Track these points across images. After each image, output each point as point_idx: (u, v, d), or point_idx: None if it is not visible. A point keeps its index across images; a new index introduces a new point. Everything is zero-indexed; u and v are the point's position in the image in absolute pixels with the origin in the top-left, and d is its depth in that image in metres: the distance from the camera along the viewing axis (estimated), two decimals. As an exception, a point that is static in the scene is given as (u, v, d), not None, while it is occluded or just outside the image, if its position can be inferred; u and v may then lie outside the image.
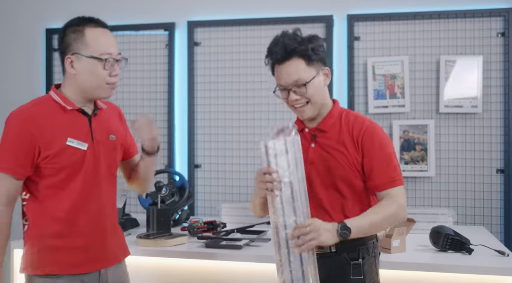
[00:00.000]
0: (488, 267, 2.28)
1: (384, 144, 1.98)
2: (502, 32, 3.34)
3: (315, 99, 1.98)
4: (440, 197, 3.39)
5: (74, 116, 1.92)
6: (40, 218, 1.89)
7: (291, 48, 1.93)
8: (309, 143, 2.03)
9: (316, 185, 2.00)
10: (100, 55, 1.87)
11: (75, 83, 1.91)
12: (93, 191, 1.93)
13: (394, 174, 1.96)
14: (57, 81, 3.86)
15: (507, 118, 3.30)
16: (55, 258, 1.88)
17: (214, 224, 2.84)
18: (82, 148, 1.90)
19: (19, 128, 1.85)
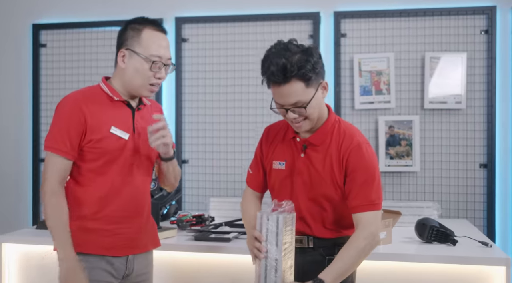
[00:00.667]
0: (472, 257, 2.34)
1: (369, 166, 1.96)
2: (486, 29, 3.40)
3: (313, 116, 1.95)
4: (425, 192, 3.44)
5: (120, 107, 2.03)
6: (78, 200, 1.98)
7: (291, 73, 1.84)
8: (299, 153, 2.03)
9: (298, 195, 2.02)
10: (150, 56, 1.95)
11: (123, 76, 2.01)
12: (129, 179, 2.02)
13: (373, 198, 1.94)
14: (44, 77, 3.87)
15: (490, 114, 3.37)
16: (87, 238, 1.96)
17: (203, 218, 2.87)
18: (123, 137, 1.99)
19: (72, 109, 1.94)
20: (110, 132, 1.97)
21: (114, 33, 3.74)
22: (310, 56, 1.88)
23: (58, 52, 3.87)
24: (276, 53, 1.88)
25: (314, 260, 2.00)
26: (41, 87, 3.88)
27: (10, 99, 3.94)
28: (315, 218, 2.01)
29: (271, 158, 2.10)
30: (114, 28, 3.74)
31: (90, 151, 1.96)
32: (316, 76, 1.91)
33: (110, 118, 1.99)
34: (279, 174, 2.06)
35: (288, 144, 2.07)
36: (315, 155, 2.01)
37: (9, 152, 3.92)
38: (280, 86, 1.88)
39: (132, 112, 2.05)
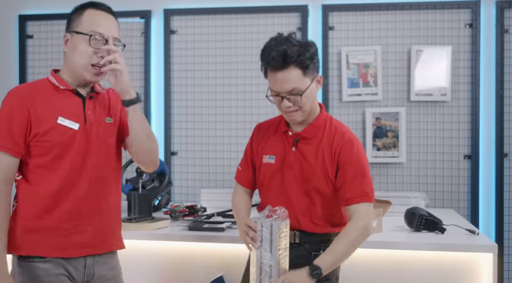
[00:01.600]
0: (460, 244, 2.40)
1: (360, 159, 2.03)
2: (470, 23, 3.47)
3: (306, 107, 2.00)
4: (411, 182, 3.51)
5: (67, 96, 1.92)
6: (28, 198, 1.88)
7: (290, 58, 1.92)
8: (290, 146, 2.08)
9: (288, 189, 2.06)
10: (89, 31, 1.87)
11: (68, 63, 1.92)
12: (83, 172, 1.90)
13: (366, 189, 2.00)
14: (30, 69, 3.85)
15: (474, 106, 3.45)
16: (39, 239, 1.86)
17: (195, 208, 2.89)
18: (73, 128, 1.88)
19: (14, 104, 1.85)
20: (57, 123, 1.86)
21: (102, 24, 3.74)
22: (309, 47, 1.97)
23: (45, 44, 3.84)
24: (277, 42, 1.97)
25: (300, 255, 2.04)
26: (28, 78, 3.85)
27: (-4, 90, 3.91)
28: (304, 212, 2.06)
29: (261, 152, 2.14)
30: (102, 19, 3.73)
31: (37, 145, 1.85)
32: (313, 67, 1.99)
33: (57, 109, 1.88)
34: (269, 168, 2.10)
35: (280, 138, 2.11)
36: (307, 148, 2.05)
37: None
38: (278, 71, 1.95)
39: (83, 101, 1.93)
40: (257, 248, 1.92)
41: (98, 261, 1.95)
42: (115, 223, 2.04)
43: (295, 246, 2.04)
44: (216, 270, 2.55)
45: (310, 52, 1.96)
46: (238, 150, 3.65)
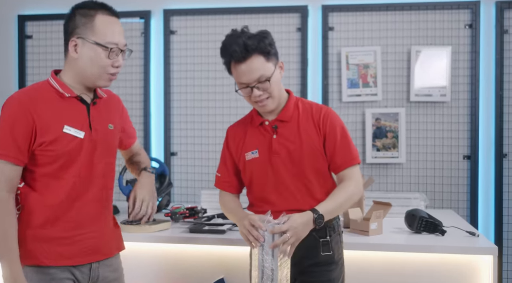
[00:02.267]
0: (460, 247, 2.41)
1: (343, 127, 2.13)
2: (470, 24, 3.48)
3: (275, 93, 2.06)
4: (410, 182, 3.52)
5: (72, 104, 1.87)
6: (32, 207, 1.84)
7: (251, 47, 1.98)
8: (270, 135, 2.12)
9: (281, 173, 2.09)
10: (106, 43, 1.82)
11: (76, 68, 1.86)
12: (89, 181, 1.89)
13: (353, 153, 2.12)
14: (30, 69, 3.84)
15: (474, 106, 3.46)
16: (44, 248, 1.84)
17: (196, 210, 2.89)
18: (79, 136, 1.85)
19: (17, 111, 1.79)
20: (63, 132, 1.82)
21: (101, 25, 3.73)
22: (266, 34, 2.04)
23: (45, 44, 3.84)
24: (234, 36, 2.04)
25: (309, 245, 2.07)
26: (27, 79, 3.85)
27: (-6, 90, 3.91)
28: (303, 192, 2.09)
29: (241, 151, 2.16)
30: (102, 20, 3.72)
31: (43, 154, 1.81)
32: (274, 53, 2.06)
33: (62, 117, 1.83)
34: (255, 163, 2.13)
35: (257, 131, 2.15)
36: (287, 131, 2.11)
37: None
38: (242, 63, 2.01)
39: (87, 108, 1.90)
40: (259, 247, 1.93)
41: (102, 264, 1.96)
42: (116, 225, 2.06)
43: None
44: (217, 272, 2.56)
45: (269, 39, 2.03)
46: (238, 150, 3.64)
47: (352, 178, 2.08)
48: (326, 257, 2.10)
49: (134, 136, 2.22)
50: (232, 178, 2.22)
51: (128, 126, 2.16)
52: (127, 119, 2.15)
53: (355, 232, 2.60)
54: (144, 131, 3.73)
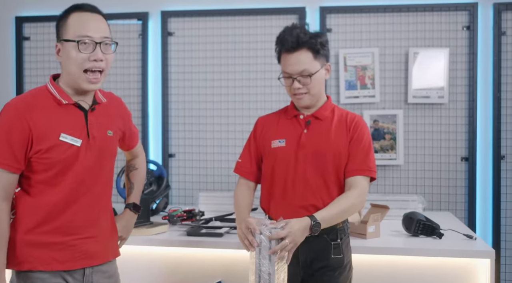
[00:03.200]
0: (458, 250, 2.41)
1: (369, 139, 2.18)
2: (467, 25, 3.47)
3: (314, 90, 2.13)
4: (408, 184, 3.52)
5: (70, 111, 1.86)
6: (27, 212, 1.84)
7: (303, 40, 2.08)
8: (302, 129, 2.18)
9: (304, 167, 2.14)
10: (76, 37, 1.79)
11: (64, 72, 1.86)
12: (85, 187, 1.88)
13: (370, 164, 2.13)
14: (27, 71, 3.83)
15: (471, 108, 3.45)
16: (38, 253, 1.83)
17: (193, 212, 2.89)
18: (75, 144, 1.84)
19: (14, 119, 1.78)
20: (59, 140, 1.81)
21: (99, 26, 3.73)
22: (321, 35, 2.13)
23: (42, 45, 3.83)
24: (291, 28, 2.12)
25: (320, 248, 2.12)
26: (24, 81, 3.84)
27: (-8, 92, 3.90)
28: (321, 189, 2.13)
29: (269, 139, 2.22)
30: (99, 21, 3.72)
31: (39, 161, 1.80)
32: (323, 54, 2.14)
33: (59, 124, 1.82)
34: (279, 151, 2.18)
35: (289, 122, 2.22)
36: (318, 129, 2.16)
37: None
38: (291, 53, 2.10)
39: (85, 115, 1.88)
40: (256, 251, 1.93)
41: (96, 270, 1.94)
42: (113, 232, 2.05)
43: (313, 238, 2.08)
44: (215, 275, 2.56)
45: (322, 39, 2.12)
46: (236, 152, 3.65)
47: (358, 188, 2.09)
48: (337, 260, 2.13)
49: (137, 137, 2.22)
50: (252, 165, 2.28)
51: (131, 128, 2.16)
52: (130, 121, 2.14)
53: (352, 235, 2.60)
54: (142, 133, 3.72)
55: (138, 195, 2.24)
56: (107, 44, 1.84)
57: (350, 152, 2.14)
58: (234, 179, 3.63)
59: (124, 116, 2.09)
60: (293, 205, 2.13)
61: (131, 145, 2.19)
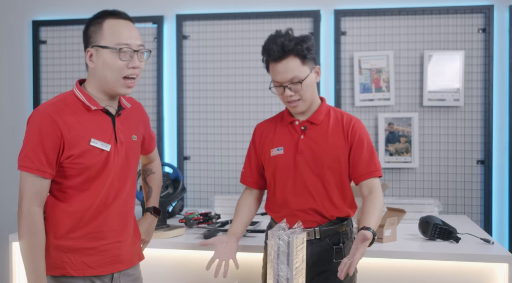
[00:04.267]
0: (475, 254, 2.41)
1: (369, 139, 2.18)
2: (483, 28, 3.46)
3: (306, 96, 2.13)
4: (424, 187, 3.51)
5: (98, 116, 1.88)
6: (58, 217, 1.85)
7: (288, 48, 2.06)
8: (298, 135, 2.18)
9: (303, 172, 2.15)
10: (115, 45, 1.82)
11: (96, 78, 1.87)
12: (115, 193, 1.90)
13: (377, 165, 2.16)
14: (44, 74, 3.87)
15: (487, 111, 3.44)
16: (69, 259, 1.85)
17: (210, 215, 2.91)
18: (105, 149, 1.86)
19: (45, 124, 1.78)
20: (90, 145, 1.82)
21: (115, 30, 3.76)
22: (306, 39, 2.10)
23: (59, 49, 3.86)
24: (275, 36, 2.11)
25: (322, 251, 2.14)
26: (41, 84, 3.88)
27: (10, 96, 3.93)
28: (321, 194, 2.14)
29: (268, 147, 2.23)
30: (115, 25, 3.74)
31: (72, 167, 1.81)
32: (311, 58, 2.12)
33: (89, 130, 1.84)
34: (279, 159, 2.18)
35: (286, 129, 2.21)
36: (315, 133, 2.16)
37: (11, 151, 3.91)
38: (278, 62, 2.09)
39: (112, 120, 1.91)
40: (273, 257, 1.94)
41: (123, 274, 1.97)
42: (137, 235, 2.07)
43: (315, 242, 2.14)
44: (231, 278, 2.57)
45: (307, 43, 2.09)
46: (250, 155, 3.65)
47: (378, 190, 2.12)
48: (338, 265, 2.10)
49: (154, 141, 2.24)
50: (253, 174, 2.30)
51: (150, 133, 2.18)
52: (149, 125, 2.17)
53: (369, 239, 2.60)
54: (158, 136, 3.75)
55: (157, 198, 2.26)
56: (141, 52, 1.89)
57: (356, 157, 2.14)
58: (249, 182, 3.64)
59: (144, 120, 2.12)
60: (294, 209, 2.16)
61: (150, 150, 2.21)
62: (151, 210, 2.22)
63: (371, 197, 2.09)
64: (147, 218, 2.21)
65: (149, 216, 2.21)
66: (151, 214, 2.21)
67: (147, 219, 2.20)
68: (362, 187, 2.15)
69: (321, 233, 2.15)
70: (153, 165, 2.29)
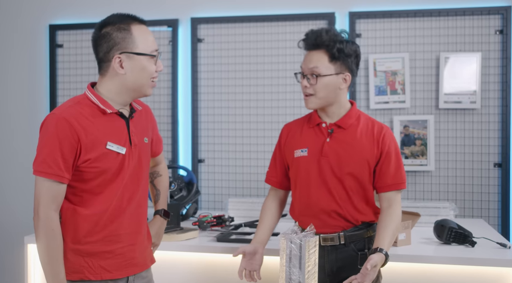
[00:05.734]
0: (491, 259, 2.37)
1: (398, 149, 2.17)
2: (500, 29, 3.42)
3: (320, 94, 2.11)
4: (440, 191, 3.48)
5: (113, 119, 1.88)
6: (73, 222, 1.84)
7: (321, 41, 2.08)
8: (324, 137, 2.16)
9: (325, 176, 2.13)
10: (151, 52, 1.86)
11: (123, 83, 1.86)
12: (130, 195, 1.91)
13: (403, 178, 2.15)
14: (60, 78, 3.91)
15: (505, 113, 3.39)
16: (86, 263, 1.85)
17: (223, 218, 2.91)
18: (121, 152, 1.86)
19: (63, 128, 1.76)
20: (106, 149, 1.82)
21: (130, 33, 3.78)
22: (348, 45, 2.09)
23: (75, 53, 3.90)
24: (321, 29, 2.12)
25: (347, 256, 2.13)
26: (58, 87, 3.92)
27: (27, 99, 3.98)
28: (343, 197, 2.13)
29: (292, 148, 2.21)
30: (130, 28, 3.77)
31: (88, 170, 1.81)
32: (342, 62, 2.09)
33: (105, 133, 1.83)
34: (302, 161, 2.17)
35: (312, 131, 2.20)
36: (342, 138, 2.14)
37: (28, 153, 3.95)
38: (309, 51, 2.12)
39: (127, 123, 1.91)
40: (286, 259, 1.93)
41: (138, 277, 1.98)
42: (149, 238, 2.07)
43: (340, 248, 2.12)
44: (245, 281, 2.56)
45: (344, 47, 2.08)
46: (265, 157, 3.66)
47: (398, 204, 2.12)
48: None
49: (161, 144, 2.24)
50: (278, 174, 2.29)
51: (157, 135, 2.18)
52: (156, 128, 2.17)
53: (383, 243, 2.58)
54: (172, 138, 3.76)
55: (165, 201, 2.26)
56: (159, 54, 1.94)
57: (383, 168, 2.13)
58: (263, 185, 3.64)
59: (152, 123, 2.13)
60: (317, 211, 2.15)
61: (157, 152, 2.20)
62: (160, 213, 2.21)
63: (389, 212, 2.09)
64: (157, 221, 2.21)
65: (158, 219, 2.21)
66: (160, 216, 2.21)
67: (156, 222, 2.20)
68: (383, 198, 2.15)
69: (346, 238, 2.13)
70: (159, 168, 2.28)
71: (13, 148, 4.01)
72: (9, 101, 4.00)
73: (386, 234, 2.01)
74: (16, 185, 3.95)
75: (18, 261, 3.79)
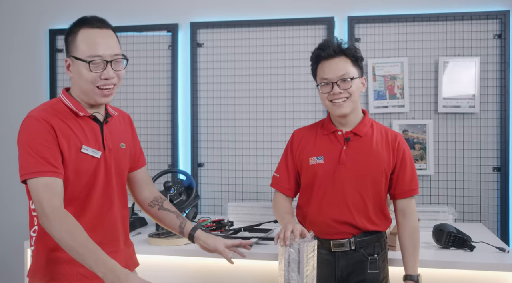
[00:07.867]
0: (490, 263, 2.37)
1: (411, 155, 2.21)
2: (499, 34, 3.43)
3: (355, 96, 2.14)
4: (439, 195, 3.48)
5: (86, 122, 1.84)
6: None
7: (342, 48, 2.13)
8: (341, 145, 2.17)
9: (343, 185, 2.14)
10: (87, 57, 1.76)
11: (76, 86, 1.84)
12: (109, 201, 1.87)
13: (417, 184, 2.20)
14: (60, 82, 3.92)
15: (504, 118, 3.40)
16: (64, 269, 1.80)
17: (222, 223, 2.91)
18: (96, 156, 1.82)
19: (45, 126, 1.73)
20: (81, 152, 1.78)
21: (129, 38, 3.80)
22: (358, 51, 2.17)
23: (75, 57, 3.91)
24: (330, 40, 2.18)
25: (357, 261, 2.15)
26: (58, 92, 3.92)
27: (27, 104, 3.98)
28: (359, 207, 2.14)
29: (306, 155, 2.21)
30: (129, 33, 3.79)
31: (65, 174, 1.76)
32: (360, 65, 2.16)
33: (79, 137, 1.79)
34: (318, 169, 2.17)
35: (327, 138, 2.20)
36: (359, 145, 2.15)
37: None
38: (330, 59, 2.13)
39: (100, 127, 1.87)
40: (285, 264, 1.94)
41: None
42: (129, 242, 2.05)
43: (350, 253, 2.14)
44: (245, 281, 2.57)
45: (359, 53, 2.17)
46: (265, 162, 3.66)
47: (414, 212, 2.20)
48: (373, 275, 2.15)
49: (144, 157, 2.16)
50: (290, 181, 2.28)
51: (138, 147, 2.12)
52: (137, 138, 2.12)
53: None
54: (172, 143, 3.77)
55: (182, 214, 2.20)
56: (118, 61, 1.83)
57: (400, 175, 2.17)
58: (262, 189, 3.64)
59: (133, 132, 2.08)
60: (329, 219, 2.15)
61: (138, 165, 2.12)
62: (199, 228, 2.15)
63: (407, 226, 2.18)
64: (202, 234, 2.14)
65: (202, 233, 2.15)
66: (202, 230, 2.16)
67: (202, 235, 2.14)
68: (398, 205, 2.20)
69: (356, 244, 2.15)
70: (157, 193, 2.19)
71: (13, 153, 4.00)
72: (9, 105, 4.00)
73: (412, 257, 2.13)
74: (15, 190, 3.96)
75: (18, 266, 3.79)
